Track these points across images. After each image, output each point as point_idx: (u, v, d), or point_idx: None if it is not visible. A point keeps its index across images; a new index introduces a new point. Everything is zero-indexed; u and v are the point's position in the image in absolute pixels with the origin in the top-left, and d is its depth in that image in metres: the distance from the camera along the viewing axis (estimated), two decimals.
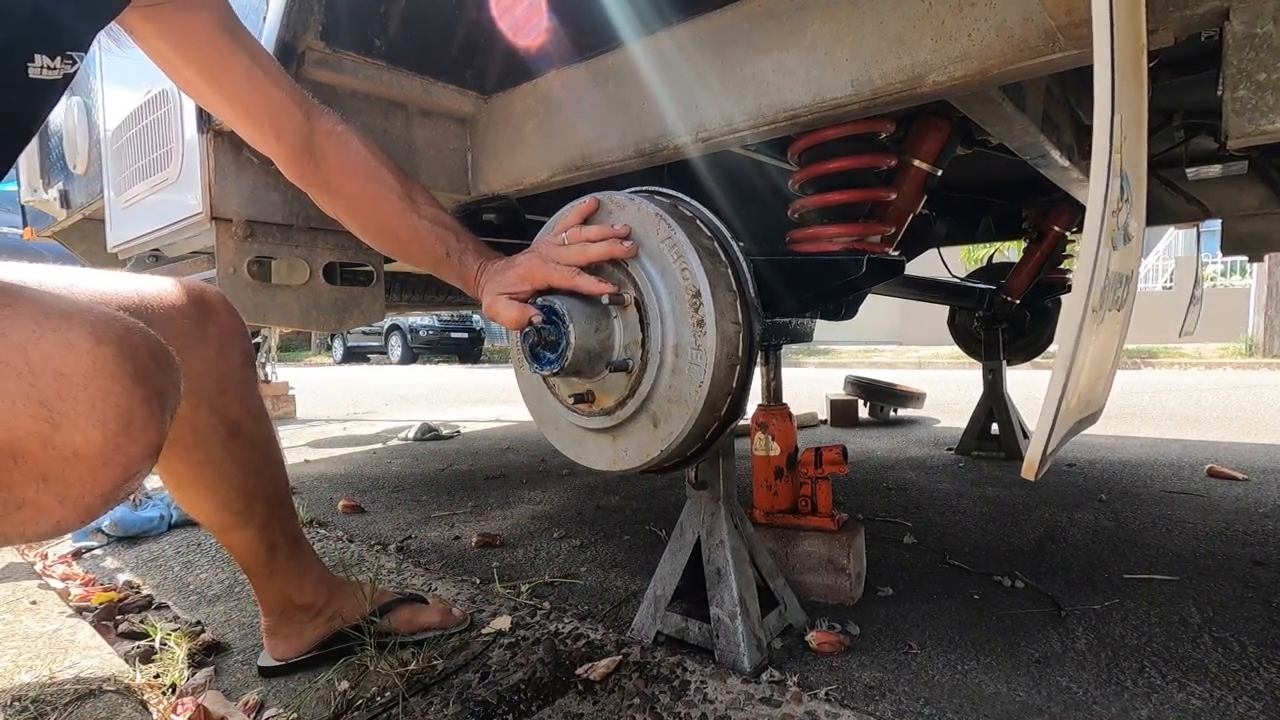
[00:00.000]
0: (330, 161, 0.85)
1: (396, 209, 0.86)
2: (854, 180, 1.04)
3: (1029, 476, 0.51)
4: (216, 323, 0.88)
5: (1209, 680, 0.91)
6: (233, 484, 0.91)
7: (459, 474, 2.42)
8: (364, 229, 0.91)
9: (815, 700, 0.85)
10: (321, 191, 0.89)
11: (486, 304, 0.84)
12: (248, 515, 0.93)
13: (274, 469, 0.97)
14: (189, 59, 0.78)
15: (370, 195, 0.86)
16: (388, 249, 0.92)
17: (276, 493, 0.97)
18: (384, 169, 0.86)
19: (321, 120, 0.85)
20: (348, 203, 0.89)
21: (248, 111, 0.82)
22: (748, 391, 0.86)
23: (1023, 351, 2.49)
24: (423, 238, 0.86)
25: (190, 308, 0.85)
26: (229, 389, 0.89)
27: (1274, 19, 0.59)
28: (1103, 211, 0.46)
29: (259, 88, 0.80)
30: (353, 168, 0.85)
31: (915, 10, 0.73)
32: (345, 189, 0.87)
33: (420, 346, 13.82)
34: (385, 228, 0.88)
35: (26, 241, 2.08)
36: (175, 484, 0.92)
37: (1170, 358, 8.16)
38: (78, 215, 1.70)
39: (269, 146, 0.85)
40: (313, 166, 0.86)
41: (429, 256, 0.87)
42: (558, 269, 0.81)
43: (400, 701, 0.89)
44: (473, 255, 0.86)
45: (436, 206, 0.89)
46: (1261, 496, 1.81)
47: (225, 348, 0.88)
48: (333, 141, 0.85)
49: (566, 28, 1.03)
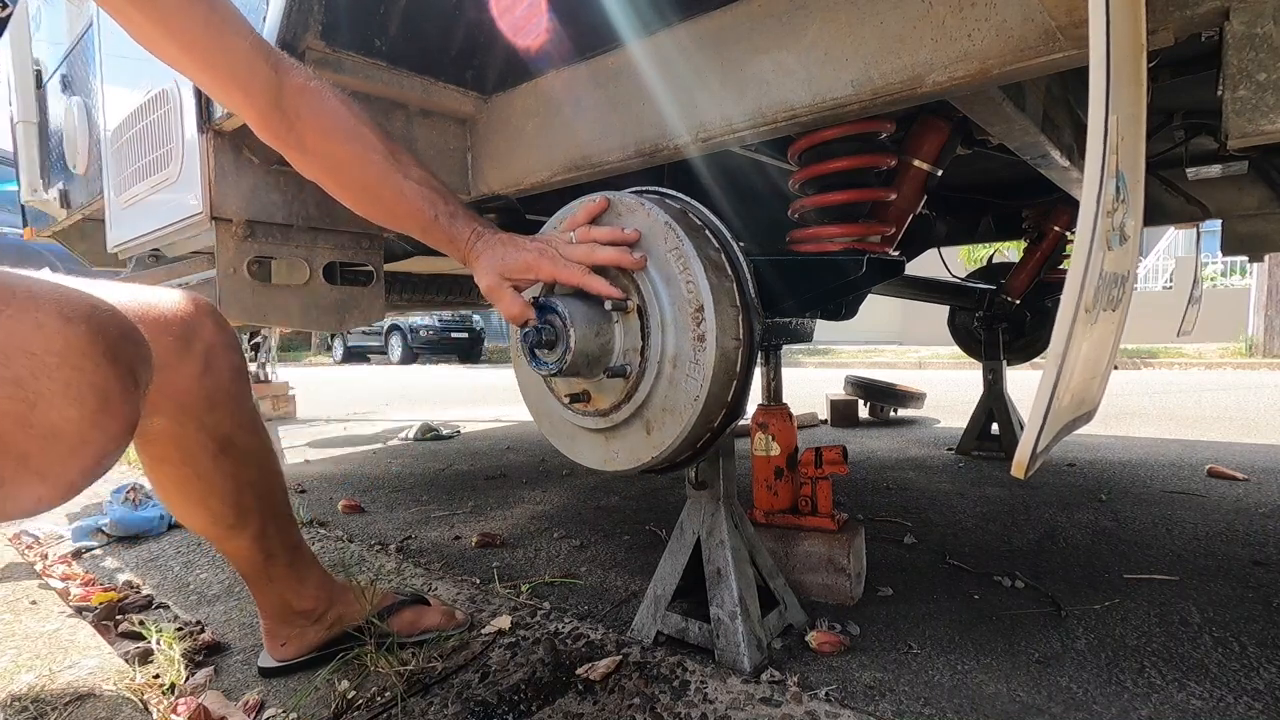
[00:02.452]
0: (305, 120, 0.80)
1: (380, 170, 0.81)
2: (854, 180, 1.04)
3: (1018, 475, 0.51)
4: (203, 337, 0.82)
5: (1209, 680, 0.91)
6: (224, 499, 0.88)
7: (459, 474, 2.42)
8: (345, 192, 0.86)
9: (815, 700, 0.85)
10: (297, 151, 0.83)
11: (486, 285, 0.82)
12: (240, 527, 0.91)
13: (269, 480, 0.94)
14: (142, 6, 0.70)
15: (352, 156, 0.81)
16: (371, 213, 0.87)
17: (272, 504, 0.94)
18: (364, 127, 0.81)
19: (292, 75, 0.79)
20: (327, 164, 0.84)
21: (208, 63, 0.75)
22: (744, 405, 0.86)
23: (1023, 351, 2.49)
24: (409, 199, 0.82)
25: (175, 323, 0.80)
26: (218, 405, 0.84)
27: (1274, 19, 0.59)
28: (1096, 211, 0.47)
29: (219, 36, 0.73)
30: (331, 126, 0.81)
31: (915, 10, 0.73)
32: (323, 149, 0.82)
33: (420, 346, 13.81)
34: (368, 190, 0.84)
35: (27, 241, 2.08)
36: (165, 497, 0.90)
37: (1170, 358, 8.16)
38: (78, 215, 1.70)
39: (235, 102, 0.79)
40: (285, 124, 0.80)
41: (416, 220, 0.83)
42: (566, 265, 0.79)
43: (400, 701, 0.89)
44: (464, 220, 0.83)
45: (423, 168, 0.85)
46: (1261, 496, 1.81)
47: (213, 363, 0.83)
48: (306, 98, 0.80)
49: (566, 28, 1.03)
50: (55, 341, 0.50)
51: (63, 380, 0.50)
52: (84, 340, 0.51)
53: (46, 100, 1.73)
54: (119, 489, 1.79)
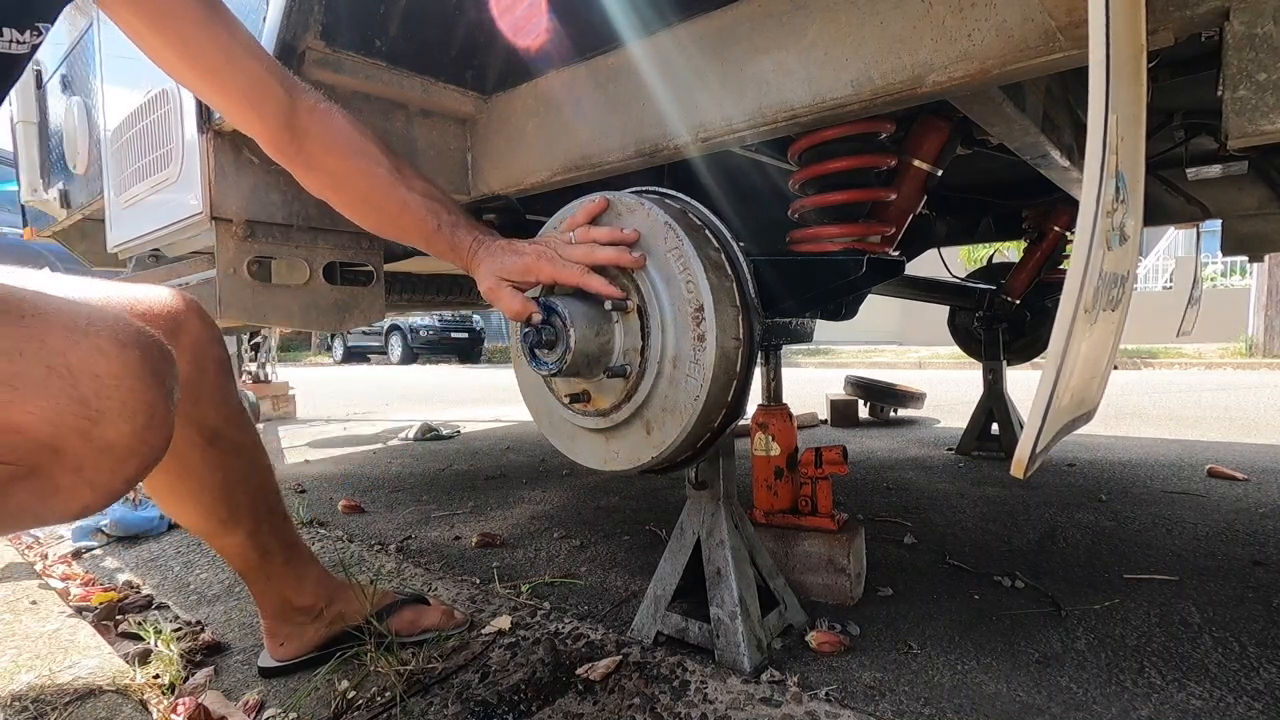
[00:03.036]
0: (313, 137, 0.83)
1: (384, 182, 0.84)
2: (854, 180, 1.04)
3: (1018, 474, 0.51)
4: (189, 332, 0.85)
5: (1209, 680, 0.91)
6: (215, 493, 0.90)
7: (459, 474, 2.42)
8: (350, 205, 0.88)
9: (815, 700, 0.85)
10: (304, 169, 0.85)
11: (487, 287, 0.83)
12: (234, 522, 0.93)
13: (259, 475, 0.96)
14: (161, 30, 0.74)
15: (357, 170, 0.84)
16: (376, 225, 0.90)
17: (265, 499, 0.96)
18: (369, 143, 0.84)
19: (304, 97, 0.82)
20: (333, 178, 0.86)
21: (225, 87, 0.78)
22: (744, 406, 0.86)
23: (1023, 351, 2.49)
24: (412, 210, 0.84)
25: (162, 319, 0.82)
26: (203, 398, 0.87)
27: (1274, 19, 0.59)
28: (1095, 212, 0.47)
29: (236, 61, 0.77)
30: (337, 143, 0.83)
31: (915, 10, 0.73)
32: (329, 164, 0.84)
33: (420, 346, 13.82)
34: (373, 202, 0.86)
35: (27, 241, 2.08)
36: (158, 494, 0.91)
37: (1170, 358, 8.16)
38: (78, 215, 1.70)
39: (249, 123, 0.82)
40: (296, 144, 0.83)
41: (419, 230, 0.85)
42: (565, 266, 0.80)
43: (400, 701, 0.89)
44: (465, 229, 0.85)
45: (426, 181, 0.87)
46: (1261, 496, 1.81)
47: (199, 358, 0.86)
48: (316, 118, 0.82)
49: (566, 28, 1.03)
50: (115, 365, 0.57)
51: (119, 400, 0.56)
52: (137, 364, 0.58)
53: (46, 100, 1.73)
54: None
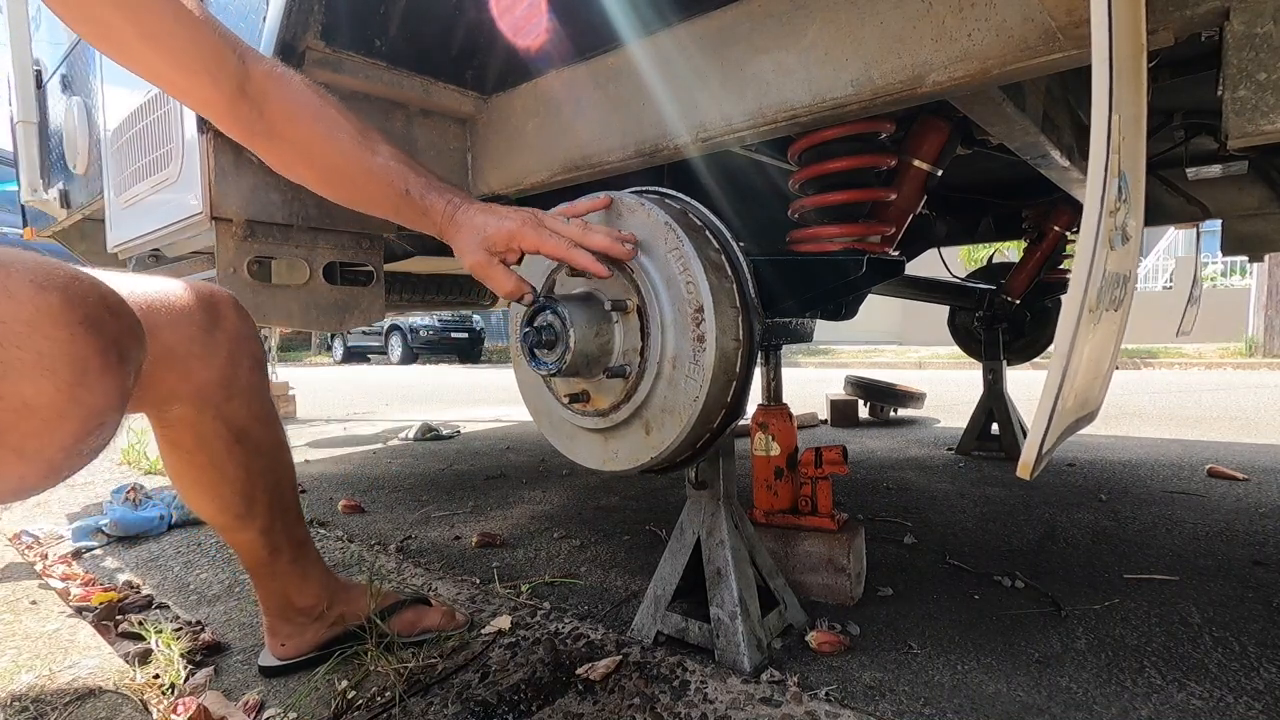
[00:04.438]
0: (272, 104, 0.78)
1: (348, 148, 0.79)
2: (854, 180, 1.04)
3: (1024, 476, 0.51)
4: (225, 328, 0.83)
5: (1209, 680, 0.91)
6: (235, 488, 0.89)
7: (459, 474, 2.42)
8: (315, 176, 0.84)
9: (815, 700, 0.85)
10: (265, 140, 0.81)
11: (474, 261, 0.79)
12: (249, 518, 0.92)
13: (280, 474, 0.95)
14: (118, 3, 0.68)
15: (319, 136, 0.79)
16: (343, 196, 0.86)
17: (282, 498, 0.95)
18: (330, 108, 0.80)
19: (258, 63, 0.78)
20: (295, 148, 0.81)
21: (177, 55, 0.73)
22: (743, 406, 0.86)
23: (1023, 351, 2.49)
24: (378, 176, 0.80)
25: (199, 312, 0.80)
26: (235, 395, 0.85)
27: (1274, 19, 0.59)
28: (1099, 212, 0.47)
29: (188, 27, 0.72)
30: (298, 109, 0.79)
31: (915, 10, 0.73)
32: (291, 133, 0.80)
33: (420, 346, 13.82)
34: (338, 170, 0.82)
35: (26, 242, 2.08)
36: (178, 484, 0.91)
37: (1170, 358, 8.16)
38: (78, 215, 1.70)
39: (204, 92, 0.76)
40: (255, 112, 0.78)
41: (387, 196, 0.81)
42: (551, 237, 0.76)
43: (400, 701, 0.89)
44: (436, 191, 0.81)
45: (393, 145, 0.83)
46: (1261, 496, 1.81)
47: (235, 354, 0.83)
48: (272, 83, 0.78)
49: (566, 28, 1.03)
50: (25, 309, 0.47)
51: (34, 350, 0.47)
52: (57, 308, 0.49)
53: (46, 100, 1.73)
54: (119, 489, 1.79)
